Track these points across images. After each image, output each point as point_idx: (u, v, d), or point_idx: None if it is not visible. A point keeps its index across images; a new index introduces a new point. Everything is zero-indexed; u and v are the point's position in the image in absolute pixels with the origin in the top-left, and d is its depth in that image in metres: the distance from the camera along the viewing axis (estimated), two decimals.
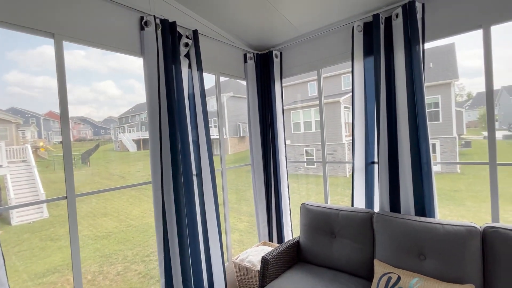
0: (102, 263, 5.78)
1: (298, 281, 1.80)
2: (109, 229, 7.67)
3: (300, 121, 14.08)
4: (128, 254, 6.15)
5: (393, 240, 1.70)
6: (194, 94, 1.90)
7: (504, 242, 1.38)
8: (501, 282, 1.36)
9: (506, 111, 25.71)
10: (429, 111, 11.43)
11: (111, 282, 5.01)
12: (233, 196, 10.63)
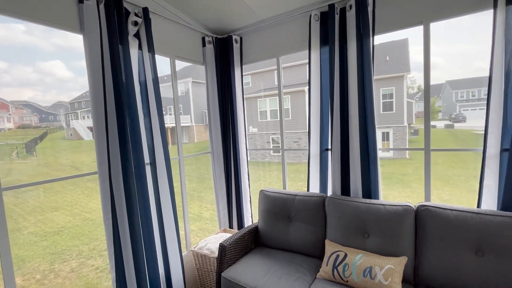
0: (53, 261, 5.36)
1: (255, 264, 1.85)
2: (61, 224, 7.10)
3: (267, 109, 14.21)
4: (83, 249, 5.78)
5: (342, 221, 1.83)
6: (146, 78, 1.78)
7: (433, 218, 1.57)
8: (428, 252, 1.55)
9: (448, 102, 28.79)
10: (384, 102, 12.32)
11: (64, 280, 4.69)
12: (198, 185, 10.48)
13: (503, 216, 1.41)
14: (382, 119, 12.17)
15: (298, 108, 12.99)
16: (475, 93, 26.77)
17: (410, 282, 1.61)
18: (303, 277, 1.70)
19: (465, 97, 27.56)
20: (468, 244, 1.45)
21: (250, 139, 14.66)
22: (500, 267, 1.35)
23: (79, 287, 4.45)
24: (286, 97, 13.39)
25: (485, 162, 1.61)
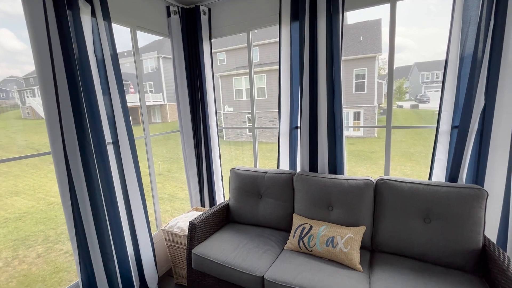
0: (16, 247, 5.09)
1: (225, 239, 1.90)
2: (23, 210, 6.69)
3: (242, 88, 13.97)
4: (50, 234, 5.53)
5: (309, 196, 1.91)
6: (102, 51, 1.62)
7: (389, 190, 1.69)
8: (384, 221, 1.69)
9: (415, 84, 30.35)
10: (356, 82, 12.63)
11: (30, 265, 4.50)
12: (173, 166, 10.30)
13: (449, 187, 1.55)
14: (354, 99, 12.56)
15: (275, 87, 12.92)
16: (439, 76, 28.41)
17: (367, 249, 1.76)
18: (271, 250, 1.78)
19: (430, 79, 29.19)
20: (418, 213, 1.59)
21: (225, 119, 14.46)
22: (443, 231, 1.51)
23: (48, 271, 4.30)
24: (262, 75, 13.20)
25: (438, 138, 1.74)
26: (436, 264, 1.54)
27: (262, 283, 1.56)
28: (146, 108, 1.75)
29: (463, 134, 1.61)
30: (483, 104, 1.56)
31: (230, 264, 1.65)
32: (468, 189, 1.50)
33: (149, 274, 1.97)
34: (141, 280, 1.95)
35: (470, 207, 1.47)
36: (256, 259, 1.67)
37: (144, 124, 2.14)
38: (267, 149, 11.88)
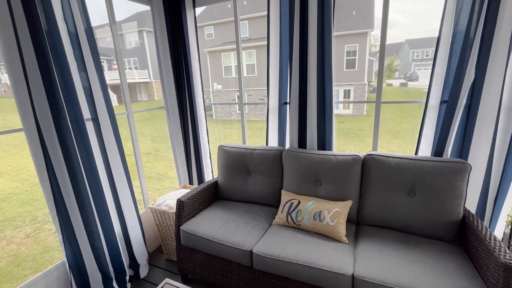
0: (3, 228, 5.02)
1: (214, 216, 1.90)
2: (7, 191, 6.52)
3: (231, 65, 13.54)
4: (38, 214, 5.45)
5: (297, 172, 1.91)
6: (74, 23, 1.47)
7: (377, 165, 1.70)
8: (370, 195, 1.72)
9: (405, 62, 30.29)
10: (347, 59, 12.45)
11: (19, 245, 4.47)
12: (162, 145, 10.15)
13: (434, 161, 1.57)
14: (345, 76, 12.46)
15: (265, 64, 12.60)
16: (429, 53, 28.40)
17: (353, 222, 1.80)
18: (260, 225, 1.80)
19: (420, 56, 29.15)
20: (404, 186, 1.62)
21: (214, 97, 14.14)
22: (427, 203, 1.56)
23: (38, 251, 4.29)
24: (251, 51, 12.76)
25: (426, 113, 1.73)
26: (418, 235, 1.60)
27: (251, 257, 1.58)
28: (131, 85, 1.65)
29: (451, 109, 1.60)
30: (473, 77, 1.54)
31: (218, 239, 1.66)
32: (453, 163, 1.53)
33: (138, 251, 1.97)
34: (131, 257, 1.96)
35: (453, 180, 1.50)
36: (244, 234, 1.68)
37: (126, 100, 2.03)
38: (257, 127, 11.83)
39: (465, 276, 1.25)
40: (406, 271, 1.30)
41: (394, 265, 1.34)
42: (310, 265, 1.41)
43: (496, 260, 1.13)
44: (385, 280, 1.26)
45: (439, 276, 1.25)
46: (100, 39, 17.76)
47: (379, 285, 1.26)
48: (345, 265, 1.37)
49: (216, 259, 1.74)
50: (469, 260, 1.38)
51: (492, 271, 1.15)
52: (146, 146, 9.67)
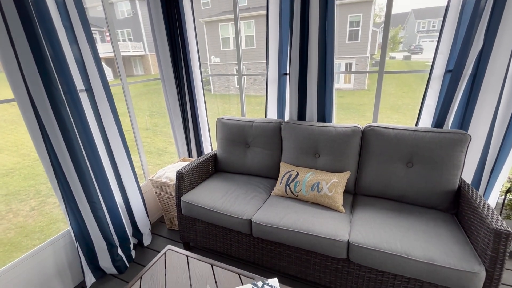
0: (8, 202, 5.13)
1: (214, 187, 1.93)
2: (9, 166, 6.57)
3: (229, 36, 12.99)
4: (41, 188, 5.55)
5: (296, 144, 1.91)
6: None
7: (376, 136, 1.69)
8: (368, 166, 1.73)
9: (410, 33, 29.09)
10: (350, 30, 11.93)
11: (26, 218, 4.60)
12: (161, 120, 10.07)
13: (434, 132, 1.56)
14: (347, 49, 12.02)
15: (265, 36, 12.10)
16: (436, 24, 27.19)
17: (350, 192, 1.84)
18: (259, 196, 1.84)
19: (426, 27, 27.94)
20: (402, 158, 1.63)
21: (212, 70, 13.76)
22: (424, 174, 1.57)
23: (44, 222, 4.43)
24: (250, 22, 12.18)
25: (429, 83, 1.69)
26: (413, 205, 1.64)
27: (250, 225, 1.63)
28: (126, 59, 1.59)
29: (455, 78, 1.56)
30: (481, 45, 1.48)
31: (218, 209, 1.70)
32: (453, 134, 1.52)
33: (141, 221, 2.03)
34: (134, 226, 2.02)
35: (452, 151, 1.50)
36: (244, 204, 1.72)
37: (120, 70, 1.96)
38: (256, 102, 11.66)
39: (456, 242, 1.29)
40: (399, 237, 1.34)
41: (388, 232, 1.38)
42: (308, 233, 1.45)
43: (487, 226, 1.16)
44: (379, 246, 1.31)
45: (431, 242, 1.30)
46: (90, 8, 16.83)
47: (373, 250, 1.31)
48: (341, 232, 1.42)
49: (216, 228, 1.80)
50: (461, 227, 1.42)
51: (482, 236, 1.19)
52: (144, 121, 9.59)
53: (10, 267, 1.42)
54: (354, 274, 1.43)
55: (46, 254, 1.57)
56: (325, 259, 1.49)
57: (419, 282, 1.29)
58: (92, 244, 1.70)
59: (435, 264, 1.19)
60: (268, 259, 1.67)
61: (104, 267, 1.77)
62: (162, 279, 1.20)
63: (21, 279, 1.46)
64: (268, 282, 1.15)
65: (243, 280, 1.17)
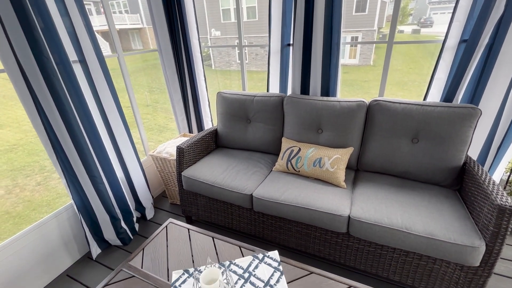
0: (14, 177, 5.21)
1: (214, 163, 1.92)
2: (12, 142, 6.60)
3: (230, 7, 12.35)
4: (45, 164, 5.61)
5: (299, 119, 1.85)
6: None
7: (382, 111, 1.63)
8: (372, 142, 1.69)
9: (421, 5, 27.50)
10: (358, 0, 11.26)
11: (32, 192, 4.70)
12: (161, 96, 9.91)
13: (443, 107, 1.50)
14: (353, 21, 11.44)
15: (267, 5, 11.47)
16: None
17: (353, 168, 1.82)
18: (260, 171, 1.82)
19: None
20: (408, 133, 1.58)
21: (213, 44, 13.28)
22: (429, 150, 1.53)
23: (50, 197, 4.54)
24: None
25: (442, 55, 1.59)
26: (416, 181, 1.62)
27: (251, 200, 1.64)
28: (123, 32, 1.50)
29: (470, 49, 1.46)
30: (502, 12, 1.36)
31: (219, 184, 1.70)
32: (463, 108, 1.45)
33: (143, 195, 2.05)
34: (136, 200, 2.04)
35: (460, 126, 1.45)
36: (245, 180, 1.71)
37: (115, 40, 1.86)
38: (258, 78, 11.37)
39: (457, 217, 1.29)
40: (400, 212, 1.34)
41: (390, 207, 1.38)
42: (309, 208, 1.45)
43: (492, 202, 1.14)
44: (380, 221, 1.31)
45: (432, 217, 1.29)
46: None
47: (374, 225, 1.31)
48: (342, 207, 1.42)
49: (218, 202, 1.81)
50: (463, 203, 1.41)
51: (485, 212, 1.18)
52: (144, 97, 9.45)
53: (17, 237, 1.45)
54: (353, 248, 1.46)
55: (51, 226, 1.60)
56: (325, 233, 1.50)
57: (417, 256, 1.30)
58: (95, 217, 1.72)
59: (435, 239, 1.19)
60: (269, 233, 1.70)
61: (109, 238, 1.81)
62: (164, 251, 1.22)
63: (29, 249, 1.50)
64: (268, 254, 1.17)
65: (243, 252, 1.19)
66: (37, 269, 1.56)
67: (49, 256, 1.61)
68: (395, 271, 1.39)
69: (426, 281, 1.33)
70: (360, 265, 1.48)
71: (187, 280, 1.06)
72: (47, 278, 1.62)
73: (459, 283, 1.25)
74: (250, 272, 1.08)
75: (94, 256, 1.76)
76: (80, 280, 1.63)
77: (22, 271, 1.49)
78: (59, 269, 1.68)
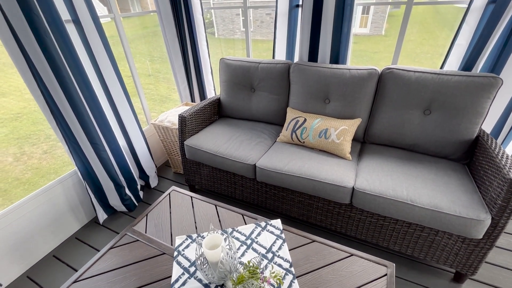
0: (21, 145, 5.27)
1: (218, 132, 1.88)
2: (15, 111, 6.59)
3: None
4: (50, 133, 5.64)
5: (305, 88, 1.77)
6: None
7: (395, 80, 1.54)
8: (381, 113, 1.62)
9: None
10: None
11: (39, 160, 4.78)
12: (163, 66, 9.62)
13: (461, 76, 1.40)
14: None
15: None
16: None
17: (359, 141, 1.77)
18: (264, 142, 1.79)
19: None
20: (420, 104, 1.50)
21: (216, 11, 12.57)
22: (441, 122, 1.47)
23: (58, 165, 4.62)
24: None
25: (465, 18, 1.45)
26: (424, 154, 1.58)
27: (254, 170, 1.62)
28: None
29: (499, 10, 1.32)
30: None
31: (222, 154, 1.68)
32: (482, 77, 1.35)
33: (146, 163, 2.05)
34: (140, 169, 2.05)
35: (478, 97, 1.36)
36: (248, 150, 1.68)
37: (110, 0, 1.73)
38: (263, 47, 10.90)
39: (464, 191, 1.26)
40: (406, 185, 1.31)
41: (395, 180, 1.35)
42: (312, 178, 1.44)
43: (503, 176, 1.10)
44: (384, 193, 1.29)
45: (438, 190, 1.27)
46: None
47: (378, 196, 1.30)
48: (347, 179, 1.40)
49: (221, 172, 1.80)
50: (472, 177, 1.38)
51: (495, 186, 1.15)
52: (145, 67, 9.19)
53: (24, 201, 1.47)
54: (355, 218, 1.46)
55: (56, 192, 1.62)
56: (328, 204, 1.50)
57: (420, 227, 1.30)
58: (100, 184, 1.74)
59: (440, 211, 1.18)
60: (271, 202, 1.71)
61: (114, 205, 1.85)
62: (167, 217, 1.23)
63: (37, 212, 1.54)
64: (271, 222, 1.17)
65: (246, 220, 1.20)
66: (47, 232, 1.61)
67: (58, 220, 1.66)
68: (396, 242, 1.41)
69: (426, 252, 1.35)
70: (361, 235, 1.50)
71: (190, 245, 1.07)
72: (57, 240, 1.68)
73: (458, 254, 1.27)
74: (252, 239, 1.09)
75: (101, 221, 1.80)
76: (88, 242, 1.69)
77: (33, 233, 1.54)
78: (68, 232, 1.74)
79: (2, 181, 3.88)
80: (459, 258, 1.27)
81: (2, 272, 1.43)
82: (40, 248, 1.59)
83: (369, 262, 0.98)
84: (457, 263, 1.29)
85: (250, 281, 0.81)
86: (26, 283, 1.46)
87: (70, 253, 1.62)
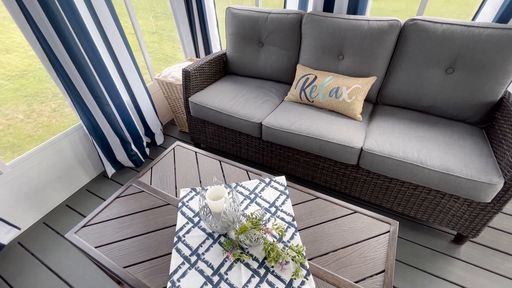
0: (30, 103, 5.30)
1: (223, 90, 1.81)
2: (21, 68, 6.51)
3: None
4: (57, 91, 5.61)
5: (318, 42, 1.63)
6: None
7: (418, 33, 1.39)
8: (399, 71, 1.51)
9: None
10: None
11: (49, 118, 4.83)
12: (167, 23, 9.12)
13: (495, 28, 1.25)
14: None
15: None
16: None
17: (371, 101, 1.68)
18: (271, 100, 1.72)
19: None
20: (443, 61, 1.37)
21: None
22: (464, 82, 1.35)
23: (67, 123, 4.68)
24: None
25: None
26: (440, 116, 1.49)
27: (260, 129, 1.58)
28: None
29: None
30: None
31: (227, 111, 1.63)
32: None
33: (151, 120, 2.03)
34: (145, 126, 2.04)
35: (510, 54, 1.23)
36: (254, 108, 1.63)
37: None
38: (273, 3, 10.09)
39: (479, 154, 1.21)
40: (418, 147, 1.26)
41: (407, 142, 1.30)
42: (320, 138, 1.39)
43: None
44: (394, 154, 1.25)
45: (451, 153, 1.21)
46: None
47: (387, 158, 1.26)
48: (356, 139, 1.35)
49: (226, 130, 1.77)
50: (488, 141, 1.31)
51: None
52: (149, 24, 8.72)
53: (32, 152, 1.49)
54: (361, 179, 1.45)
55: (63, 145, 1.64)
56: (334, 164, 1.48)
57: (426, 189, 1.28)
58: (106, 139, 1.74)
59: (450, 174, 1.14)
60: (276, 162, 1.70)
61: (121, 160, 1.88)
62: (171, 171, 1.23)
63: (46, 164, 1.58)
64: (275, 178, 1.16)
65: (250, 176, 1.19)
66: (58, 183, 1.67)
67: (67, 172, 1.70)
68: (400, 203, 1.40)
69: (430, 214, 1.35)
70: (365, 196, 1.49)
71: (194, 198, 1.09)
72: (68, 191, 1.75)
73: (463, 217, 1.26)
74: (256, 194, 1.09)
75: (109, 175, 1.85)
76: (98, 194, 1.75)
77: (44, 183, 1.59)
78: (78, 184, 1.80)
79: (15, 137, 3.98)
80: (463, 221, 1.27)
81: (19, 218, 1.52)
82: (53, 198, 1.66)
83: (372, 219, 0.98)
84: (459, 226, 1.29)
85: (252, 231, 0.82)
86: (42, 228, 1.55)
87: (81, 203, 1.70)
